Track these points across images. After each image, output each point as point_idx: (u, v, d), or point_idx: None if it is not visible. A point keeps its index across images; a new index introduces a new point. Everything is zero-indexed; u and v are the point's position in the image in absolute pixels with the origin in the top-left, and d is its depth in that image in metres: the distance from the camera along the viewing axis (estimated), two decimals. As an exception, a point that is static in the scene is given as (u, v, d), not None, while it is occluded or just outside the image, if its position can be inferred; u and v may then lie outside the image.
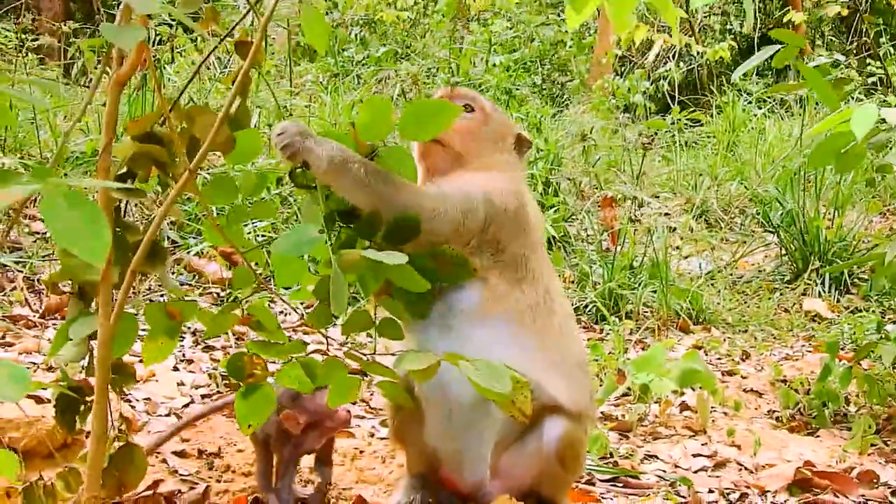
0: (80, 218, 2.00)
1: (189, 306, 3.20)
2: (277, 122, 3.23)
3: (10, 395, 2.17)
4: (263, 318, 3.17)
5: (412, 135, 3.22)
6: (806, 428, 5.65)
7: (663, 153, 13.14)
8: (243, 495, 3.68)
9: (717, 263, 9.39)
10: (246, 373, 3.14)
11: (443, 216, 3.33)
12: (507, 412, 3.16)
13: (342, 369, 3.16)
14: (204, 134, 2.77)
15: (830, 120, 4.35)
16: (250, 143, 3.11)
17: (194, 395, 4.89)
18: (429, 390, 3.41)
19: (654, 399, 5.48)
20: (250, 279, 3.23)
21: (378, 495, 3.83)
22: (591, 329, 7.51)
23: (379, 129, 3.16)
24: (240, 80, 2.69)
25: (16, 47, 10.72)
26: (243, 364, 3.14)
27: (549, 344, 3.53)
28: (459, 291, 3.42)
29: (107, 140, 2.70)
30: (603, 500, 4.12)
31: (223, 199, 3.25)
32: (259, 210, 3.38)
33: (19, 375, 2.19)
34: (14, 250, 6.49)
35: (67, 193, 2.02)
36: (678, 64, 15.62)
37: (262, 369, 3.16)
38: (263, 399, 3.14)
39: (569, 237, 9.10)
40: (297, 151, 3.13)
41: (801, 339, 7.68)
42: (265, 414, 3.16)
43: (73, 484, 3.07)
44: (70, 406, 3.06)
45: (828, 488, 4.46)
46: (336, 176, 3.15)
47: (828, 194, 10.36)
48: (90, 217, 2.01)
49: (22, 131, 7.75)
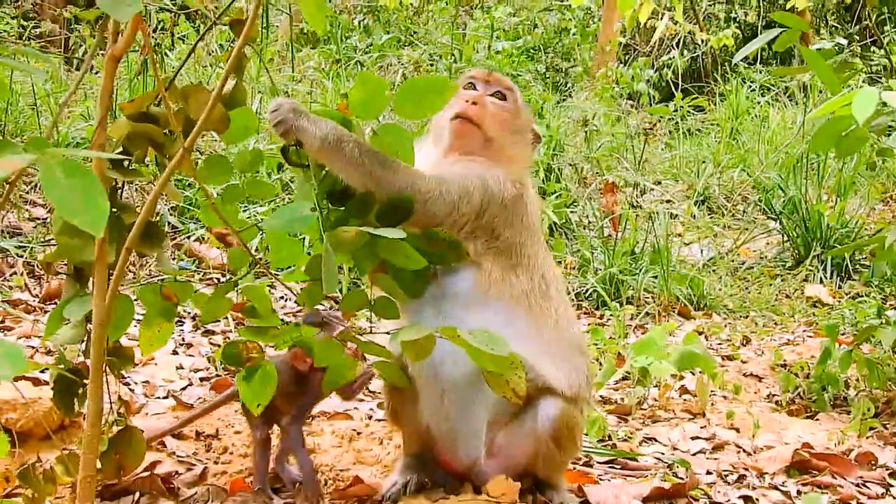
0: (77, 188, 2.00)
1: (185, 288, 3.20)
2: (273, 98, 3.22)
3: (4, 373, 2.17)
4: (259, 302, 3.17)
5: (409, 113, 3.20)
6: (805, 411, 5.65)
7: (666, 140, 13.12)
8: (240, 477, 3.68)
9: (718, 250, 9.38)
10: (243, 359, 3.15)
11: (437, 199, 3.33)
12: (500, 393, 3.17)
13: (339, 349, 3.17)
14: (198, 112, 2.77)
15: (832, 103, 4.33)
16: (245, 121, 3.11)
17: (193, 379, 4.89)
18: (422, 369, 3.41)
19: (653, 383, 5.49)
20: (245, 260, 3.22)
21: (375, 476, 3.83)
22: (591, 314, 7.51)
23: (373, 106, 3.14)
24: (234, 57, 2.68)
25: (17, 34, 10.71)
26: (239, 351, 3.15)
27: (543, 329, 3.54)
28: (453, 276, 3.43)
29: (101, 115, 2.69)
30: (601, 481, 4.11)
31: (218, 179, 3.25)
32: (255, 189, 3.36)
33: (14, 354, 2.19)
34: (14, 235, 6.50)
35: (65, 164, 2.02)
36: (682, 52, 15.57)
37: (259, 352, 3.17)
38: (265, 377, 3.16)
39: (570, 223, 9.09)
40: (290, 129, 3.12)
41: (802, 325, 7.68)
42: (270, 392, 3.16)
43: (73, 468, 3.07)
44: (68, 388, 3.07)
45: (826, 470, 4.46)
46: (329, 155, 3.14)
47: (830, 181, 10.35)
48: (88, 187, 2.01)
49: (22, 116, 7.75)
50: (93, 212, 2.01)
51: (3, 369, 2.17)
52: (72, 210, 1.99)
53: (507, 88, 3.77)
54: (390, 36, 13.68)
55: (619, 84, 12.88)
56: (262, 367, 3.16)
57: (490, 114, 3.64)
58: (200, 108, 2.78)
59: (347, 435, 4.17)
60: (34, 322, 5.26)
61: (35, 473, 3.01)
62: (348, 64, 12.33)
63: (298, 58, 11.72)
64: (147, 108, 2.94)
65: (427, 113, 3.24)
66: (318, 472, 3.79)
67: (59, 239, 2.85)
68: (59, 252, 2.93)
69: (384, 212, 3.20)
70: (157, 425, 4.12)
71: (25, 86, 8.00)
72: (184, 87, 2.93)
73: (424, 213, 3.30)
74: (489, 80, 3.76)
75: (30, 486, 3.01)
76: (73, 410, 3.10)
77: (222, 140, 3.15)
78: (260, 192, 3.43)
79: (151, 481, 3.48)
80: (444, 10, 14.42)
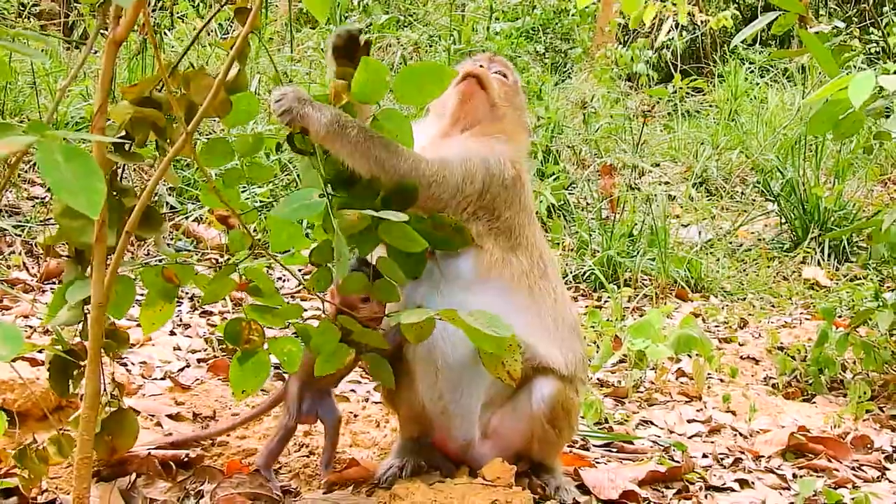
0: (76, 171, 2.00)
1: (186, 270, 3.20)
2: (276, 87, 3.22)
3: (2, 354, 2.17)
4: (261, 283, 3.18)
5: (409, 98, 3.20)
6: (802, 394, 5.66)
7: (665, 122, 13.11)
8: (237, 458, 3.69)
9: (716, 232, 9.39)
10: (243, 339, 3.16)
11: (442, 182, 3.35)
12: (495, 374, 3.20)
13: (335, 334, 3.17)
14: (200, 97, 2.77)
15: (829, 87, 4.32)
16: (246, 105, 3.11)
17: (190, 360, 4.90)
18: (417, 349, 3.42)
19: (650, 365, 5.50)
20: (245, 242, 3.23)
21: (371, 459, 3.84)
22: (589, 296, 7.52)
23: (375, 90, 3.14)
24: (238, 45, 2.67)
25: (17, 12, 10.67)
26: (241, 329, 3.16)
27: (542, 309, 3.56)
28: (454, 257, 3.45)
29: (101, 100, 2.69)
30: (597, 464, 4.12)
31: (219, 162, 3.25)
32: (255, 172, 3.37)
33: (12, 335, 2.19)
34: (12, 214, 6.50)
35: (64, 147, 2.02)
36: (681, 33, 15.53)
37: (259, 335, 3.17)
38: (258, 366, 3.17)
39: (568, 205, 9.09)
40: (295, 117, 3.12)
41: (799, 307, 7.69)
42: (260, 381, 3.18)
43: (66, 448, 3.08)
44: (63, 369, 3.07)
45: (822, 453, 4.47)
46: (334, 141, 3.15)
47: (828, 163, 10.35)
48: (86, 170, 2.01)
49: (21, 95, 7.74)
50: (90, 194, 2.00)
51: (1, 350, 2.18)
52: (69, 192, 1.99)
53: (508, 69, 3.89)
54: (389, 16, 13.63)
55: (618, 65, 12.85)
56: (257, 355, 3.17)
57: (495, 80, 3.74)
58: (202, 92, 2.78)
59: (344, 417, 4.17)
60: (32, 301, 5.27)
61: (31, 454, 3.02)
62: (347, 44, 12.27)
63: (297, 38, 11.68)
64: (150, 93, 2.93)
65: (427, 99, 3.24)
66: (314, 453, 3.80)
67: (60, 221, 2.85)
68: (60, 234, 2.92)
69: (389, 197, 3.21)
70: (154, 406, 4.14)
71: (24, 65, 7.98)
72: (185, 72, 2.92)
73: (429, 196, 3.33)
74: (493, 60, 3.87)
75: (25, 466, 3.01)
76: (68, 391, 3.10)
77: (223, 124, 3.15)
78: (259, 175, 3.43)
79: (148, 462, 3.48)
80: (443, -9, 14.38)
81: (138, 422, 3.27)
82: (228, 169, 3.36)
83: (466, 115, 3.66)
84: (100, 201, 2.01)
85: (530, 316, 3.51)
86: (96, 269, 2.65)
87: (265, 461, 3.51)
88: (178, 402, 4.26)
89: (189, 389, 4.42)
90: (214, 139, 3.25)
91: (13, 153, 2.10)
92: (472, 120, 3.66)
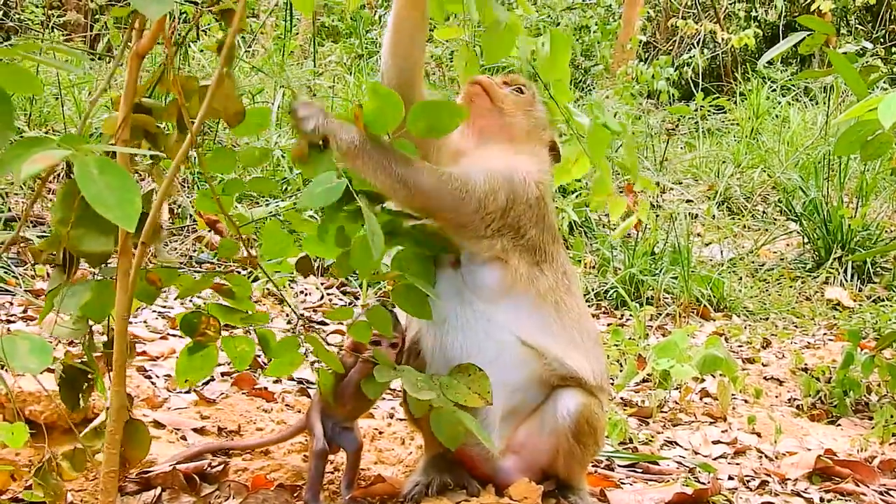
0: (111, 183, 2.01)
1: (169, 273, 3.20)
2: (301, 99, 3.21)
3: (31, 367, 2.18)
4: (237, 288, 3.19)
5: (422, 132, 3.18)
6: (827, 416, 5.63)
7: (686, 140, 13.10)
8: (262, 473, 3.68)
9: (738, 251, 9.36)
10: (198, 331, 3.17)
11: (466, 199, 3.34)
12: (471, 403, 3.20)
13: (294, 347, 3.21)
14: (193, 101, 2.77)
15: (859, 107, 4.31)
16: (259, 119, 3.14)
17: (215, 373, 4.88)
18: (434, 362, 3.43)
19: (674, 385, 5.47)
20: (235, 249, 3.23)
21: (397, 475, 3.82)
22: (611, 314, 7.50)
23: (388, 120, 3.13)
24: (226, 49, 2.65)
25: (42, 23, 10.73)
26: (198, 322, 3.17)
27: (568, 322, 3.56)
28: (481, 271, 3.44)
29: (126, 112, 2.68)
30: (622, 485, 4.10)
31: (222, 169, 3.26)
32: (256, 184, 3.40)
33: (40, 348, 2.19)
34: (36, 224, 6.51)
35: (98, 160, 2.03)
36: (702, 50, 15.52)
37: (215, 331, 3.19)
38: (206, 359, 3.24)
39: (590, 222, 9.08)
40: (318, 126, 3.11)
41: (822, 328, 7.66)
42: (204, 374, 3.27)
43: (79, 462, 3.06)
44: (73, 382, 3.06)
45: (849, 477, 4.43)
46: (356, 158, 3.14)
47: (851, 183, 10.31)
48: (121, 184, 2.02)
49: (47, 106, 7.77)
50: (126, 208, 2.02)
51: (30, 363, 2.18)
52: (105, 205, 2.00)
53: (524, 84, 3.81)
54: (410, 31, 13.65)
55: (638, 82, 12.85)
56: (207, 348, 3.22)
57: (504, 93, 3.70)
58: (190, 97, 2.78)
59: (369, 434, 4.16)
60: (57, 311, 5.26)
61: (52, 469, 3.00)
62: (370, 59, 12.33)
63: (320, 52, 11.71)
64: (140, 100, 2.92)
65: (440, 134, 3.22)
66: (338, 470, 3.79)
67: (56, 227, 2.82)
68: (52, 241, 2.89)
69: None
70: (179, 420, 4.13)
71: (50, 75, 8.02)
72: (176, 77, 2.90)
73: (453, 210, 3.32)
74: (507, 81, 3.81)
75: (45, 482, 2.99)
76: (78, 405, 3.09)
77: (234, 133, 3.17)
78: (260, 187, 3.47)
79: (173, 476, 3.48)
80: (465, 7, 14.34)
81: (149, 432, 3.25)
82: (231, 179, 3.37)
83: (481, 130, 3.64)
84: (136, 214, 2.03)
85: (557, 328, 3.50)
86: (120, 282, 2.64)
87: (311, 494, 3.47)
88: (204, 416, 4.25)
89: (214, 403, 4.41)
90: (221, 148, 3.27)
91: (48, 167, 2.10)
92: (482, 128, 3.64)
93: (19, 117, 7.54)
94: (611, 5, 17.00)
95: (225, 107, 2.72)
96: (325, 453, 3.50)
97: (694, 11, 18.78)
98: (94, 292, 2.84)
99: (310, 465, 3.51)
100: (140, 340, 5.10)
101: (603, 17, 16.37)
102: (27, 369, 2.17)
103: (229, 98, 2.70)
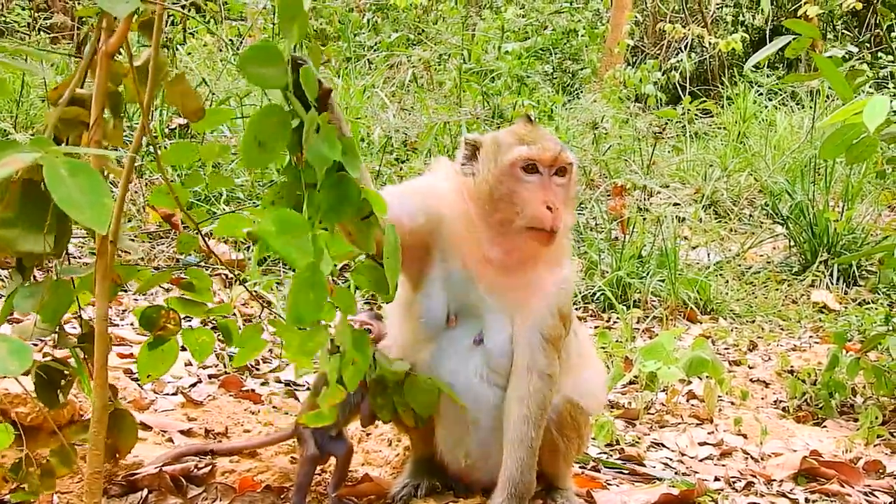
0: (82, 185, 2.00)
1: (129, 269, 3.19)
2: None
3: (11, 369, 2.17)
4: (197, 282, 3.18)
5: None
6: (812, 418, 5.65)
7: (674, 143, 13.13)
8: (249, 475, 3.68)
9: (725, 254, 9.39)
10: (157, 325, 3.16)
11: None
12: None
13: (258, 334, 3.18)
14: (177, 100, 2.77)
15: (844, 111, 4.33)
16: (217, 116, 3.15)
17: (202, 376, 4.88)
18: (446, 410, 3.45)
19: (661, 387, 5.48)
20: (193, 244, 3.23)
21: (384, 476, 3.83)
22: (598, 317, 7.51)
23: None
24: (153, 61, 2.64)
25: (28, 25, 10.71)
26: (157, 316, 3.15)
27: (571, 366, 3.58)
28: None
29: (97, 114, 2.68)
30: (609, 486, 4.11)
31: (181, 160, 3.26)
32: (215, 180, 3.39)
33: (20, 350, 2.19)
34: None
35: (68, 162, 2.02)
36: (690, 55, 15.57)
37: (175, 324, 3.17)
38: (167, 353, 3.19)
39: (578, 226, 9.09)
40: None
41: (808, 331, 7.68)
42: (166, 368, 3.21)
43: (70, 458, 3.06)
44: (50, 381, 3.05)
45: (834, 478, 4.45)
46: None
47: (837, 187, 10.35)
48: (92, 185, 2.01)
49: (33, 108, 7.76)
50: (97, 209, 2.01)
51: (10, 365, 2.17)
52: (76, 207, 1.99)
53: (569, 164, 3.40)
54: (399, 34, 13.67)
55: (626, 86, 12.88)
56: (167, 343, 3.18)
57: (562, 211, 3.34)
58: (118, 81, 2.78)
59: (357, 435, 4.17)
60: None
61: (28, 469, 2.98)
62: (358, 62, 12.33)
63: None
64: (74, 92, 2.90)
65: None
66: (325, 471, 3.79)
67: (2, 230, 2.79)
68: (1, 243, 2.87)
69: None
70: (166, 422, 4.13)
71: (36, 78, 8.00)
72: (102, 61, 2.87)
73: None
74: (553, 164, 3.34)
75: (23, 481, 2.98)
76: (57, 404, 3.08)
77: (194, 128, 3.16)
78: (217, 183, 3.46)
79: (160, 478, 3.48)
80: (453, 11, 14.39)
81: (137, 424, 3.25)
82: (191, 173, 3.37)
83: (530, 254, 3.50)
84: (107, 216, 2.02)
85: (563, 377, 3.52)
86: (99, 285, 2.64)
87: (298, 497, 3.48)
88: (191, 418, 4.25)
89: (201, 405, 4.41)
90: (182, 143, 3.26)
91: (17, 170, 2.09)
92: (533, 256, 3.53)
93: (5, 119, 7.53)
94: (599, 9, 17.05)
95: (183, 103, 2.73)
96: (316, 459, 3.51)
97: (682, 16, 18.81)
98: (52, 293, 2.81)
99: (299, 470, 3.51)
100: (126, 343, 5.08)
101: (591, 21, 16.42)
102: (8, 371, 2.16)
103: (186, 95, 2.71)
